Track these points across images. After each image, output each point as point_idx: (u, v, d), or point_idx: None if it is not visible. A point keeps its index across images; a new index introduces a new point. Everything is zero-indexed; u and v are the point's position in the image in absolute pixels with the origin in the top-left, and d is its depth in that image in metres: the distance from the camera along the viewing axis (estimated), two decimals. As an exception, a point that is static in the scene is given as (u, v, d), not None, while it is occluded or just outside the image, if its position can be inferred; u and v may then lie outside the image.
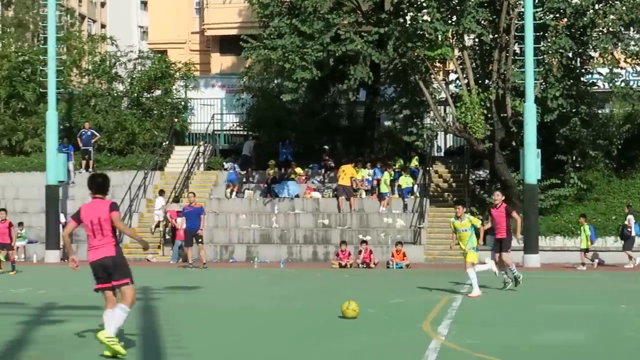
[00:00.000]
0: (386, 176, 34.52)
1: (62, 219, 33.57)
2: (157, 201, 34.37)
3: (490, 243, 23.16)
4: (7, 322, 13.85)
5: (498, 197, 20.51)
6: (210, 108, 44.14)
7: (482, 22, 33.02)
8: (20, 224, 33.60)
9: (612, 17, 31.98)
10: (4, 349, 11.27)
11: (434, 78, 35.06)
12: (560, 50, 32.02)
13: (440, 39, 32.46)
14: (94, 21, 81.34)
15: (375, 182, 35.42)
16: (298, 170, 37.21)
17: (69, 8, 60.11)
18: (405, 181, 34.76)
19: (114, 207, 10.82)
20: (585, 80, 34.55)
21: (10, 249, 26.52)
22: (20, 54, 42.19)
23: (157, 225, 34.24)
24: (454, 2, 32.99)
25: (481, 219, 23.12)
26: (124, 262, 10.90)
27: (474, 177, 36.91)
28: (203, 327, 13.63)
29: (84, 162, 38.44)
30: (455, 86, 35.82)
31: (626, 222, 30.59)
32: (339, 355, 11.12)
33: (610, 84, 33.27)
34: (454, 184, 36.91)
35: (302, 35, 32.81)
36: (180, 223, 31.13)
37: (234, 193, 36.38)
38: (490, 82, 33.62)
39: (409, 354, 11.10)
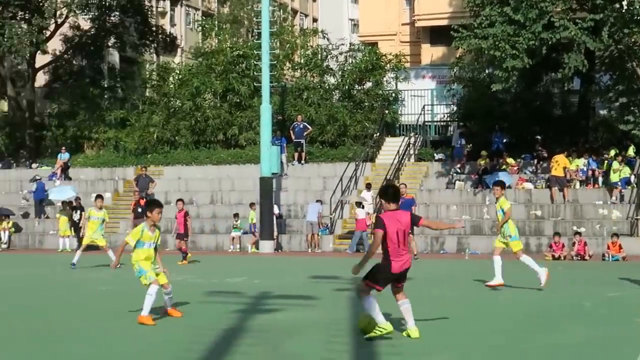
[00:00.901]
0: (616, 165, 33.35)
1: (276, 210, 34.47)
2: (364, 194, 34.52)
3: None
4: (223, 310, 14.28)
5: None
6: (421, 99, 44.04)
7: None
8: (236, 215, 34.77)
9: None
10: (220, 336, 11.62)
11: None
12: None
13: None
14: (306, 15, 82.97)
15: (590, 173, 34.35)
16: (510, 160, 36.56)
17: (282, 3, 61.66)
18: (622, 171, 33.48)
19: (415, 218, 11.72)
20: None
21: (184, 237, 27.15)
22: (235, 49, 43.63)
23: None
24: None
25: None
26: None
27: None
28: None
29: (296, 155, 39.31)
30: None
31: None
32: (561, 349, 10.79)
33: None
34: (675, 174, 35.21)
35: (513, 24, 32.18)
36: (361, 213, 31.67)
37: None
38: None
39: (629, 349, 10.65)
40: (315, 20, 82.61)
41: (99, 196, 27.23)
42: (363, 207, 31.92)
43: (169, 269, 13.75)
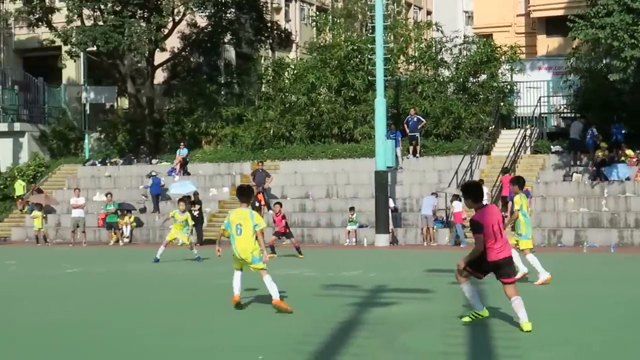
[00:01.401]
0: None
1: (391, 203, 34.51)
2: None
3: None
4: (339, 303, 14.43)
5: None
6: (537, 91, 43.38)
7: None
8: (352, 208, 34.96)
9: None
10: (335, 329, 11.76)
11: None
12: None
13: None
14: (420, 8, 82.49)
15: None
16: (629, 152, 35.71)
17: (396, -3, 61.48)
18: None
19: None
20: None
21: (289, 236, 27.53)
22: (349, 43, 43.79)
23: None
24: None
25: None
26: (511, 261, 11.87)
27: None
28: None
29: (411, 148, 39.26)
30: None
31: None
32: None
33: None
34: None
35: (632, 12, 31.44)
36: (458, 206, 32.00)
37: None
38: None
39: None
40: (429, 13, 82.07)
41: (182, 199, 28.11)
42: (460, 200, 31.63)
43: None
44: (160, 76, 51.43)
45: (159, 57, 48.64)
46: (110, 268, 23.96)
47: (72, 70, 53.81)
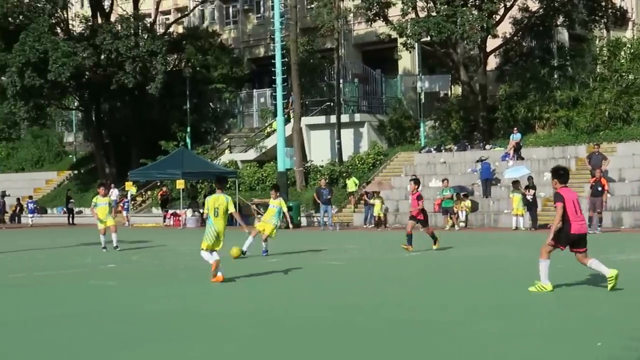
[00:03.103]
0: None
1: None
2: None
3: None
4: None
5: None
6: None
7: None
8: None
9: None
10: None
11: None
12: None
13: None
14: None
15: None
16: None
17: None
18: None
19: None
20: None
21: (424, 224, 23.70)
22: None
23: None
24: None
25: None
26: None
27: None
28: None
29: None
30: None
31: None
32: None
33: None
34: None
35: None
36: None
37: None
38: None
39: None
40: None
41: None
42: None
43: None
44: (492, 62, 51.88)
45: (491, 43, 49.06)
46: (460, 252, 24.58)
47: (407, 60, 55.66)
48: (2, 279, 17.97)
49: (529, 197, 35.32)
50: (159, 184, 54.33)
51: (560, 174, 13.79)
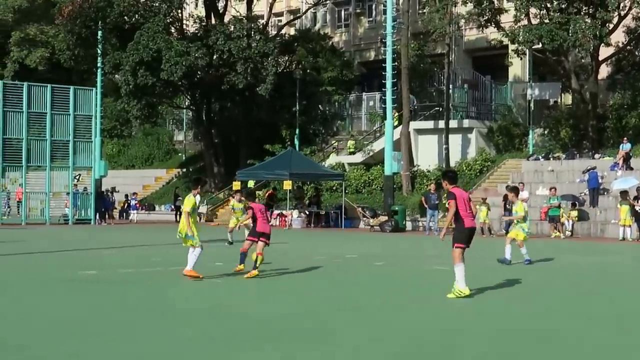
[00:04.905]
0: None
1: None
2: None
3: None
4: None
5: None
6: None
7: None
8: None
9: None
10: None
11: None
12: None
13: None
14: None
15: None
16: None
17: None
18: None
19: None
20: None
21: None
22: None
23: None
24: None
25: None
26: None
27: None
28: None
29: None
30: None
31: None
32: None
33: None
34: None
35: None
36: None
37: None
38: None
39: None
40: None
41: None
42: None
43: None
44: (603, 71, 51.29)
45: (603, 52, 48.53)
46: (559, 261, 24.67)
47: (517, 67, 55.47)
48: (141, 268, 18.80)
49: (637, 208, 34.94)
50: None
51: (450, 176, 15.14)
